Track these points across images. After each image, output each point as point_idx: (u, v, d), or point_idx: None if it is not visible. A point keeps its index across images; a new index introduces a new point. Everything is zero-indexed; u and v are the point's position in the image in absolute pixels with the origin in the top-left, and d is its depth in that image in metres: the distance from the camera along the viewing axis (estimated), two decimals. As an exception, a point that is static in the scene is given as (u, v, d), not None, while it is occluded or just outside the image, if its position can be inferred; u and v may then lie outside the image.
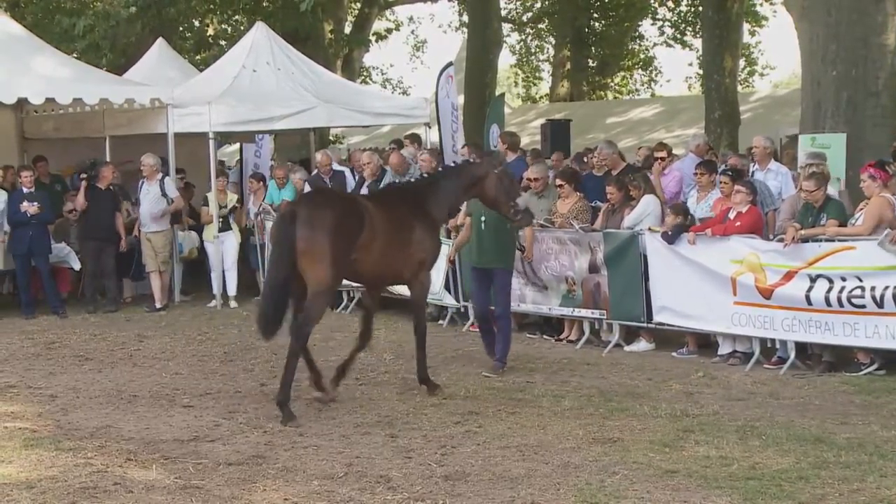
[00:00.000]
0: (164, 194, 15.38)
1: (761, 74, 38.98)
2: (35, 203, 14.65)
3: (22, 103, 16.18)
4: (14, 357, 11.97)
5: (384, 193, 11.33)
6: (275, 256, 9.63)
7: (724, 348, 11.43)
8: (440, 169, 11.82)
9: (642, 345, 12.10)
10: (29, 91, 15.01)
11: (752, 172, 12.69)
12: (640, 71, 40.21)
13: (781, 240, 10.70)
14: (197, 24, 29.75)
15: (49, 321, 14.38)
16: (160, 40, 21.39)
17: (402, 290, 14.14)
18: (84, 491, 7.09)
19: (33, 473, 7.48)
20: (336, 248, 9.15)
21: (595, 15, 35.43)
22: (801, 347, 10.85)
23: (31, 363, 11.60)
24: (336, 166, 16.51)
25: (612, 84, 39.04)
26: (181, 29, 27.41)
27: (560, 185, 12.76)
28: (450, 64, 18.18)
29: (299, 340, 9.26)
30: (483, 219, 10.85)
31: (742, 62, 31.64)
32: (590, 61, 36.23)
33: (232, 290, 15.69)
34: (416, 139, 17.88)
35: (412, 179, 12.19)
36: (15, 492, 7.06)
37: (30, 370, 11.18)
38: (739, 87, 27.16)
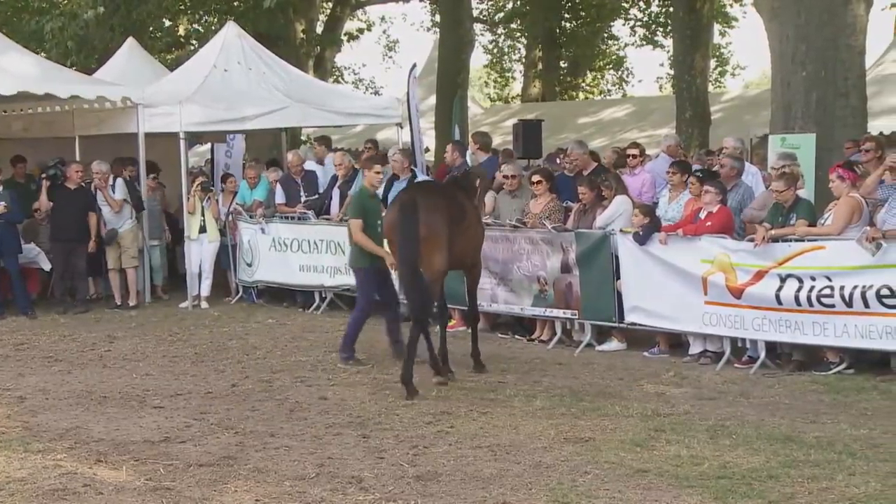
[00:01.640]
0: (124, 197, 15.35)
1: (732, 74, 39.28)
2: (2, 202, 14.53)
3: (-11, 102, 16.07)
4: (-18, 358, 11.89)
5: (445, 185, 11.88)
6: (405, 246, 10.13)
7: (695, 348, 11.48)
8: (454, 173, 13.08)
9: (614, 344, 12.14)
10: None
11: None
12: (611, 71, 40.38)
13: (752, 240, 10.76)
14: (168, 23, 29.61)
15: (18, 322, 14.28)
16: (130, 40, 21.27)
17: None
18: (54, 493, 7.05)
19: (1, 475, 7.43)
20: (451, 236, 10.21)
21: (566, 15, 35.49)
22: (772, 347, 10.92)
23: (-1, 364, 11.53)
24: (308, 166, 16.47)
25: (584, 84, 39.13)
26: (151, 29, 27.26)
27: (537, 183, 12.73)
28: (415, 65, 18.20)
29: (419, 327, 10.10)
30: (379, 221, 11.17)
31: (713, 62, 31.82)
32: (561, 62, 36.28)
33: (206, 291, 15.63)
34: (324, 141, 18.10)
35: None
36: (-17, 494, 7.03)
37: (-2, 371, 11.12)
38: (710, 87, 27.29)
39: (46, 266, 15.37)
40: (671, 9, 27.89)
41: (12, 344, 12.70)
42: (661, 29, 34.87)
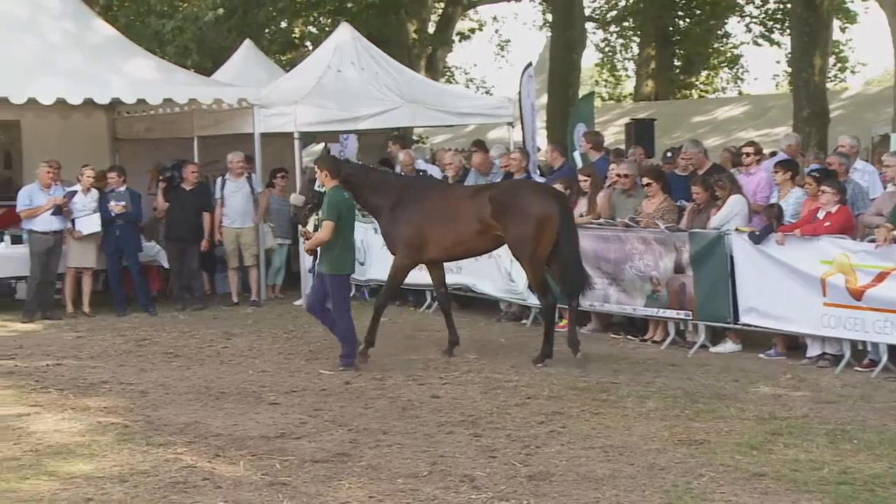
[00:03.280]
0: (252, 191, 15.67)
1: (852, 72, 38.33)
2: (122, 202, 14.91)
3: (114, 104, 16.49)
4: (106, 353, 12.19)
5: None
6: (573, 235, 11.41)
7: (813, 350, 11.24)
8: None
9: (729, 346, 11.96)
10: (121, 92, 15.26)
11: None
12: (726, 69, 39.77)
13: (873, 240, 10.50)
14: (283, 25, 30.05)
15: (140, 319, 14.64)
16: (247, 41, 21.69)
17: (485, 288, 14.22)
18: (174, 486, 7.20)
19: (125, 468, 7.62)
20: None
21: (680, 13, 35.11)
22: (894, 350, 10.64)
23: (122, 360, 11.80)
24: (420, 165, 16.57)
25: (698, 83, 38.63)
26: (268, 30, 27.70)
27: (648, 184, 12.64)
28: (530, 64, 18.16)
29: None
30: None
31: (832, 59, 31.11)
32: (675, 60, 35.88)
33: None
34: (399, 140, 18.17)
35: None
36: (108, 485, 7.20)
37: (122, 366, 11.38)
38: (829, 85, 26.71)
39: (167, 264, 15.72)
40: (789, 5, 27.41)
41: (134, 340, 13.01)
42: (777, 26, 34.26)
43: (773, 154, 15.24)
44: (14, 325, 14.10)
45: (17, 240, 15.07)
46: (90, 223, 14.81)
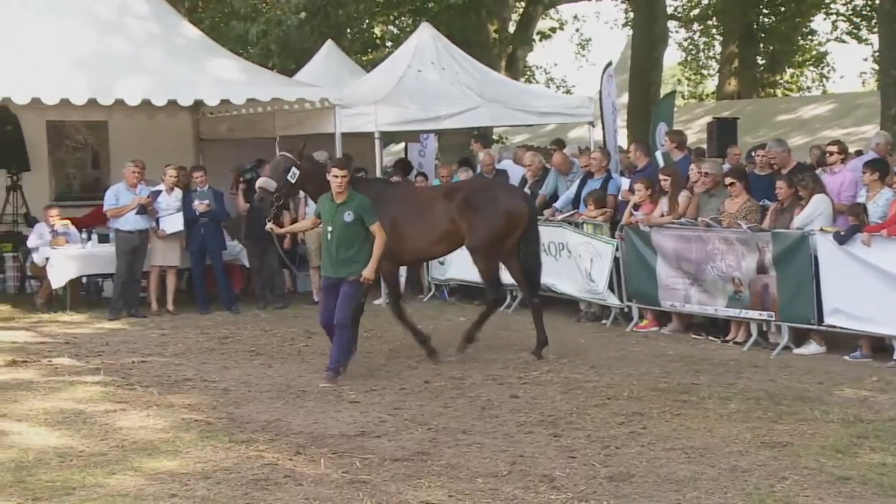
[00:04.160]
0: None
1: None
2: (205, 201, 15.12)
3: (198, 105, 16.73)
4: (190, 351, 12.38)
5: None
6: (536, 233, 12.08)
7: (901, 352, 11.05)
8: None
9: (812, 347, 11.78)
10: (205, 93, 15.47)
11: None
12: (811, 67, 39.16)
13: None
14: (364, 25, 30.23)
15: (223, 317, 14.83)
16: (329, 42, 21.88)
17: (565, 288, 14.18)
18: (256, 483, 7.28)
19: (208, 464, 7.72)
20: None
21: (765, 10, 34.63)
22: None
23: (205, 357, 11.97)
24: (500, 165, 16.57)
25: (782, 81, 38.09)
26: (349, 31, 27.89)
27: (731, 184, 12.51)
28: (610, 63, 18.07)
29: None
30: (329, 229, 10.62)
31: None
32: (758, 58, 35.40)
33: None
34: (481, 139, 18.14)
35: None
36: (192, 481, 7.31)
37: (205, 364, 11.54)
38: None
39: (248, 263, 15.90)
40: (877, 1, 26.90)
41: (217, 338, 13.18)
42: (864, 23, 33.67)
43: (859, 153, 14.98)
44: (100, 323, 14.36)
45: (103, 239, 15.37)
46: (173, 222, 15.05)
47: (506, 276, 12.41)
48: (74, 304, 15.29)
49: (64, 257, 14.96)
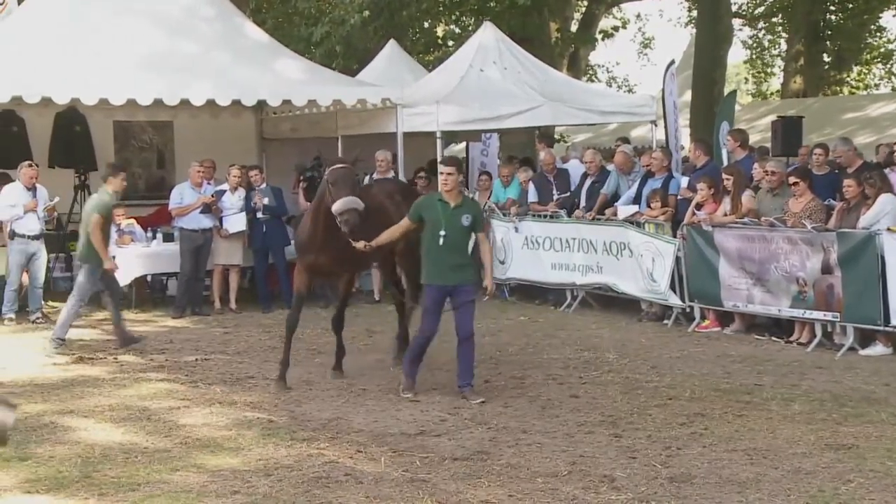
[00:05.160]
0: None
1: None
2: (265, 197, 15.23)
3: (261, 105, 16.85)
4: (252, 349, 12.48)
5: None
6: None
7: (969, 355, 10.86)
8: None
9: (879, 349, 11.61)
10: (267, 94, 15.60)
11: None
12: (879, 65, 38.59)
13: None
14: (426, 25, 30.28)
15: (284, 315, 14.71)
16: (391, 41, 21.95)
17: (626, 288, 14.11)
18: (317, 481, 7.32)
19: (270, 462, 7.77)
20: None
21: (832, 7, 34.17)
22: None
23: (267, 355, 12.05)
24: (567, 165, 16.53)
25: (849, 79, 37.57)
26: (411, 31, 27.96)
27: (794, 183, 12.38)
28: (673, 62, 17.95)
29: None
30: (442, 233, 9.65)
31: None
32: (825, 55, 34.95)
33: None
34: (544, 138, 18.09)
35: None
36: (254, 478, 7.36)
37: (267, 362, 11.62)
38: None
39: (310, 262, 15.97)
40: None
41: (279, 336, 13.15)
42: (934, 19, 33.16)
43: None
44: (165, 321, 14.52)
45: (168, 238, 15.55)
46: (236, 222, 15.19)
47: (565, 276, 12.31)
48: (140, 301, 15.49)
49: (129, 256, 15.12)
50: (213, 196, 14.99)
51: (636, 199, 14.57)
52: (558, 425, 8.76)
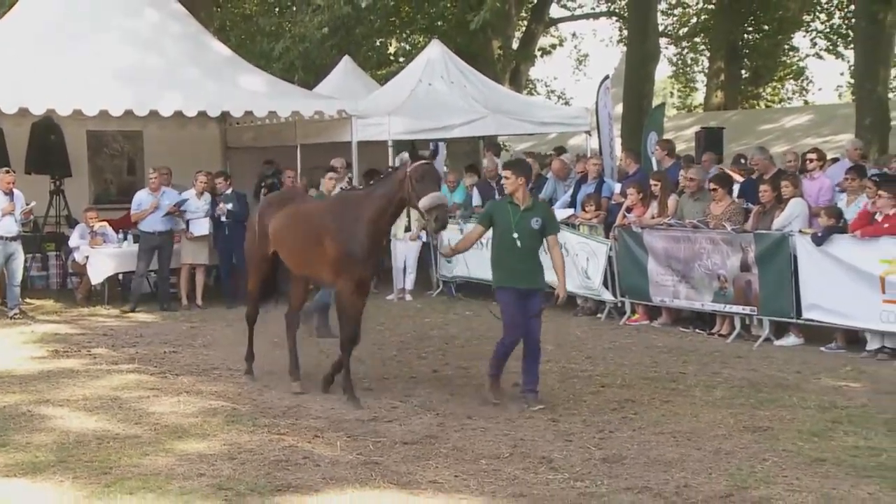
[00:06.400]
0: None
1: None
2: (229, 204, 15.15)
3: (225, 116, 16.76)
4: (217, 342, 12.37)
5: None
6: None
7: (873, 344, 11.01)
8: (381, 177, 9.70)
9: (791, 339, 11.76)
10: (231, 105, 15.54)
11: None
12: (791, 81, 39.10)
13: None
14: (379, 42, 30.24)
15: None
16: (346, 57, 21.91)
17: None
18: (278, 463, 7.29)
19: (234, 446, 7.73)
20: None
21: (749, 28, 34.57)
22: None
23: (231, 348, 11.91)
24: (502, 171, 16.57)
25: (764, 94, 38.02)
26: (365, 47, 27.92)
27: (714, 189, 12.54)
28: (607, 77, 18.06)
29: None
30: (514, 236, 8.84)
31: (893, 71, 30.38)
32: (743, 72, 35.34)
33: (409, 285, 15.91)
34: (492, 147, 18.15)
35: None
36: (218, 462, 7.32)
37: (231, 354, 11.50)
38: (891, 96, 26.12)
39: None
40: (853, 20, 26.88)
41: (242, 330, 13.08)
42: (841, 40, 33.60)
43: (835, 160, 14.94)
44: (135, 316, 14.37)
45: (137, 239, 15.38)
46: (201, 226, 15.12)
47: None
48: (112, 298, 15.31)
49: (102, 256, 15.00)
50: (174, 206, 14.84)
51: (572, 203, 14.65)
52: (501, 411, 8.77)
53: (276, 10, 29.24)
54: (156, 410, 8.87)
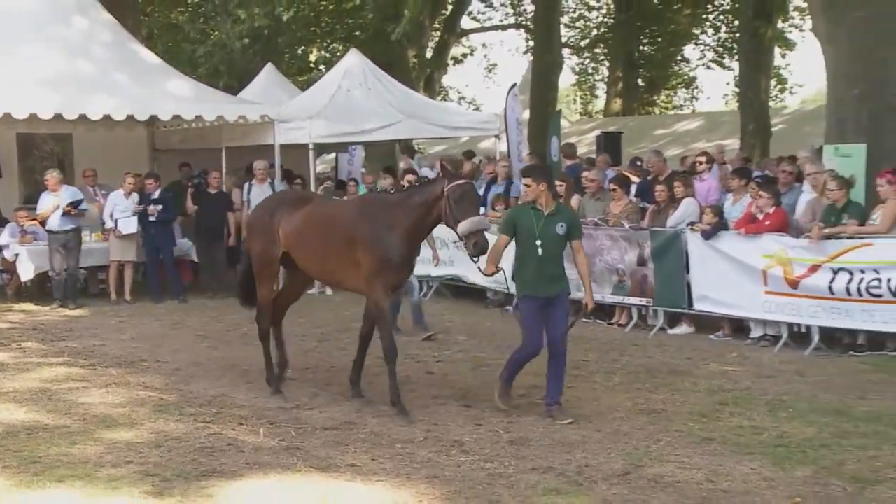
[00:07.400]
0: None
1: (791, 92, 38.25)
2: (159, 206, 14.91)
3: (153, 119, 16.46)
4: (144, 336, 12.16)
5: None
6: None
7: (756, 332, 11.27)
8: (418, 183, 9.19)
9: (683, 328, 11.97)
10: (158, 109, 15.30)
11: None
12: (683, 89, 39.77)
13: (808, 237, 10.52)
14: (300, 51, 30.02)
15: (174, 306, 14.60)
16: (269, 65, 21.68)
17: (474, 279, 14.19)
18: (203, 450, 7.21)
19: (161, 435, 7.62)
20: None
21: (645, 41, 35.07)
22: (825, 332, 10.64)
23: (159, 341, 11.78)
24: (425, 172, 16.59)
25: (659, 101, 38.61)
26: (287, 56, 27.69)
27: (613, 189, 12.71)
28: (514, 84, 18.16)
29: None
30: (538, 242, 8.20)
31: (773, 81, 31.09)
32: (639, 81, 35.84)
33: (329, 279, 15.80)
34: (407, 150, 18.24)
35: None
36: (146, 450, 7.21)
37: (158, 347, 11.36)
38: (771, 103, 26.71)
39: (196, 258, 15.71)
40: (737, 34, 27.44)
41: (169, 324, 12.99)
42: (727, 52, 34.29)
43: (723, 164, 15.21)
44: (65, 311, 14.06)
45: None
46: (129, 224, 14.84)
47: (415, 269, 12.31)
48: (41, 294, 14.96)
49: (31, 253, 14.63)
50: (69, 206, 14.43)
51: (482, 203, 14.66)
52: (415, 398, 8.77)
53: (201, 19, 28.83)
54: (85, 401, 8.69)
